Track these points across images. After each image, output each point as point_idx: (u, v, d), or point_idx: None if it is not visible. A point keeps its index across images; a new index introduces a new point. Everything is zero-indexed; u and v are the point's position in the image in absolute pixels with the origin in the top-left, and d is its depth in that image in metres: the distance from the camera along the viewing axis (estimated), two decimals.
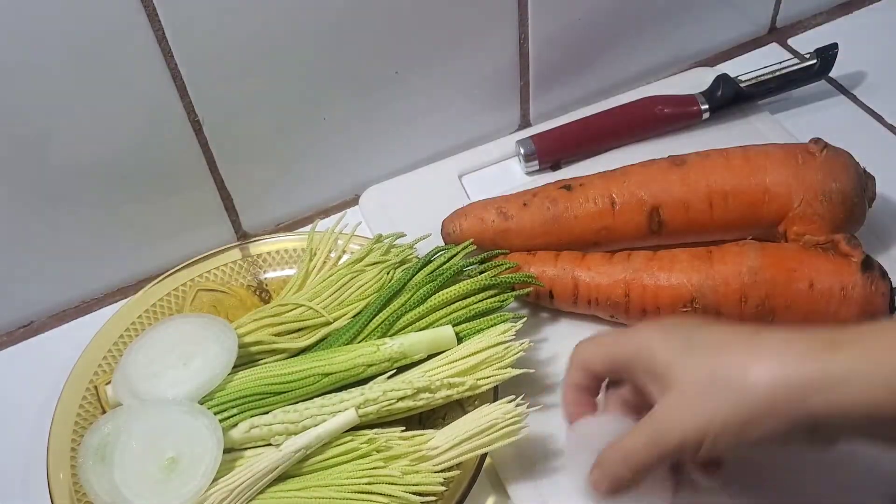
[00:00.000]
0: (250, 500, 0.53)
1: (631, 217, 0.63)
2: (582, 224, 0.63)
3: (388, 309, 0.59)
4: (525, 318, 0.58)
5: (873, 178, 0.63)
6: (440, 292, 0.59)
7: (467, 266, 0.60)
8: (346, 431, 0.54)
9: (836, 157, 0.62)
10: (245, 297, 0.65)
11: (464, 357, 0.55)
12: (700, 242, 0.62)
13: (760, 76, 0.75)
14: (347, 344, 0.58)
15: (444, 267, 0.60)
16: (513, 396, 0.53)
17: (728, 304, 0.58)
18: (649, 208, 0.62)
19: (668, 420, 0.42)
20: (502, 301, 0.59)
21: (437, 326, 0.58)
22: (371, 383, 0.55)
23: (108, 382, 0.57)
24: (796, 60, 0.76)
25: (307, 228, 0.67)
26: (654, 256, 0.61)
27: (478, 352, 0.55)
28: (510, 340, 0.55)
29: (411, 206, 0.72)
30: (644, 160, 0.66)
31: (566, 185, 0.65)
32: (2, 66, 0.55)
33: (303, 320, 0.60)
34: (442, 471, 0.52)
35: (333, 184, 0.74)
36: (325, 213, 0.75)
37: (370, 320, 0.58)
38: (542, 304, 0.63)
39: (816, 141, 0.63)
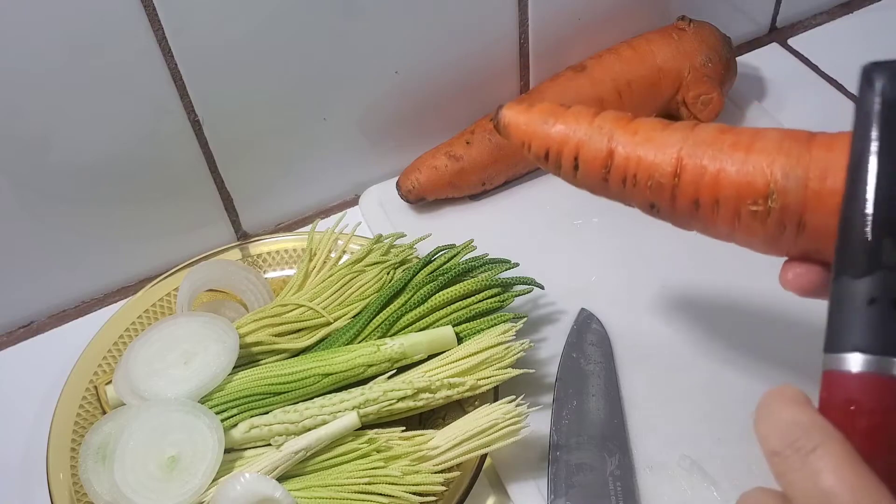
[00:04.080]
0: None
1: None
2: None
3: (388, 309, 0.59)
4: (525, 318, 0.58)
5: (730, 38, 0.73)
6: (440, 292, 0.59)
7: (470, 269, 0.60)
8: None
9: (702, 27, 0.71)
10: None
11: (464, 357, 0.55)
12: None
13: None
14: (348, 344, 0.58)
15: (446, 267, 0.60)
16: (513, 396, 0.53)
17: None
18: None
19: None
20: (502, 301, 0.59)
21: (438, 327, 0.58)
22: (371, 383, 0.55)
23: (109, 382, 0.57)
24: None
25: (307, 228, 0.67)
26: (728, 130, 0.46)
27: (478, 352, 0.55)
28: (510, 341, 0.55)
29: (411, 206, 0.72)
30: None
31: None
32: (1, 67, 0.55)
33: (303, 320, 0.60)
34: (442, 471, 0.52)
35: (333, 184, 0.74)
36: (325, 213, 0.75)
37: (370, 320, 0.58)
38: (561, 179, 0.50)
39: (682, 18, 0.72)
